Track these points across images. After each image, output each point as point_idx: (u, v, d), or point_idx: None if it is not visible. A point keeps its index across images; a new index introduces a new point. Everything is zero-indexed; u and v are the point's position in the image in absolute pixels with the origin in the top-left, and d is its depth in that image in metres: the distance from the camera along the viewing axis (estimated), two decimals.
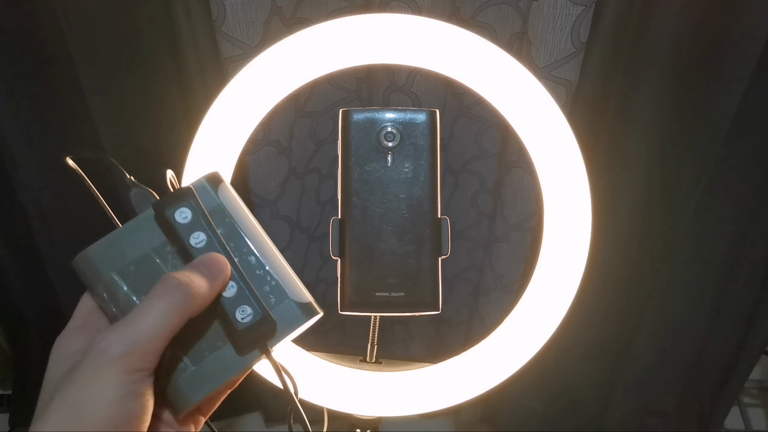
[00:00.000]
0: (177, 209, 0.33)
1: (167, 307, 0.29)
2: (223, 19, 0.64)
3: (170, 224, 0.32)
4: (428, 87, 0.74)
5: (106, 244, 0.33)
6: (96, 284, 0.32)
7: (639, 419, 1.04)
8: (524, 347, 0.50)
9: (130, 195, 0.35)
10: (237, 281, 0.33)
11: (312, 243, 0.91)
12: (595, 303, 0.90)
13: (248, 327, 0.32)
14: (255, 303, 0.33)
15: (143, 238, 0.33)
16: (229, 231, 0.34)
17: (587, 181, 0.49)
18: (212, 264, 0.32)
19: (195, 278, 0.31)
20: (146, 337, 0.28)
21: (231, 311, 0.32)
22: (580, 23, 0.63)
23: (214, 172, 0.36)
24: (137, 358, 0.28)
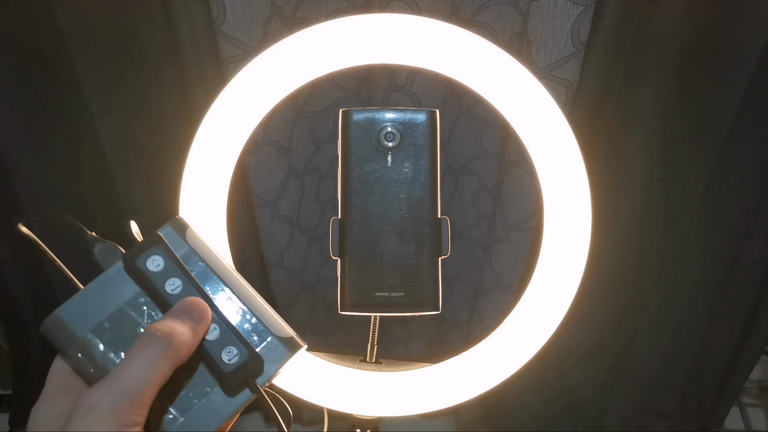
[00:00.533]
0: (148, 258, 0.32)
1: (152, 356, 0.28)
2: (223, 19, 0.64)
3: (143, 274, 0.32)
4: (428, 87, 0.74)
5: (76, 303, 0.32)
6: (69, 347, 0.31)
7: (639, 419, 1.04)
8: (524, 347, 0.50)
9: (95, 251, 0.34)
10: (218, 323, 0.32)
11: (312, 243, 0.91)
12: (595, 303, 0.90)
13: (236, 368, 0.32)
14: (239, 343, 0.32)
15: (114, 292, 0.32)
16: (203, 274, 0.34)
17: (587, 181, 0.49)
18: (192, 309, 0.32)
19: (177, 326, 0.30)
20: (134, 389, 0.28)
21: (216, 354, 0.32)
22: (580, 23, 0.63)
23: (177, 218, 0.36)
24: (128, 412, 0.27)
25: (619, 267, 0.87)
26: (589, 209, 0.49)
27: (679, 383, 1.00)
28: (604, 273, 0.87)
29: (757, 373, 1.14)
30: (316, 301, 0.96)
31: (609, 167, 0.78)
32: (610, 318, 0.93)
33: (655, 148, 0.77)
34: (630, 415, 1.04)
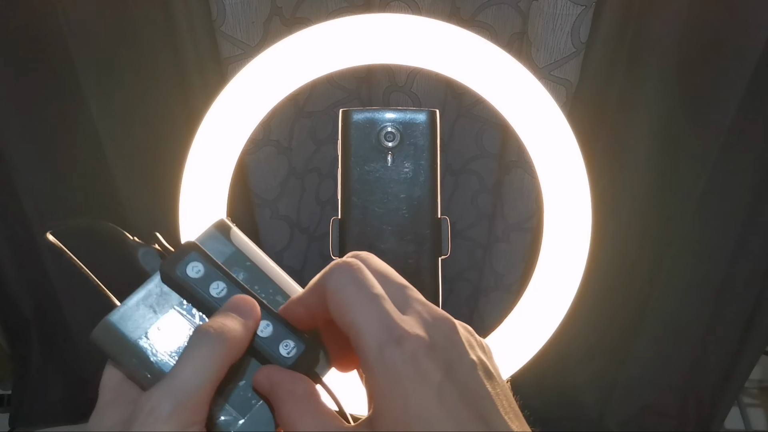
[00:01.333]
0: (187, 265, 0.32)
1: (207, 354, 0.28)
2: (223, 19, 0.64)
3: (184, 282, 0.32)
4: (428, 87, 0.74)
5: (125, 310, 0.32)
6: (122, 353, 0.31)
7: (639, 419, 1.04)
8: (524, 347, 0.50)
9: (138, 257, 0.33)
10: (270, 319, 0.32)
11: (312, 243, 0.91)
12: (595, 303, 0.90)
13: (297, 360, 0.32)
14: (294, 335, 0.32)
15: (163, 297, 0.32)
16: (252, 274, 0.34)
17: (587, 181, 0.49)
18: (240, 305, 0.31)
19: (228, 322, 0.30)
20: (193, 388, 0.27)
21: (274, 350, 0.31)
22: (580, 23, 0.63)
23: (220, 220, 0.35)
24: (189, 411, 0.27)
25: (619, 267, 0.87)
26: (589, 209, 0.49)
27: (679, 383, 1.00)
28: (604, 273, 0.87)
29: (757, 373, 1.14)
30: None
31: (609, 167, 0.78)
32: (610, 318, 0.93)
33: (655, 148, 0.77)
34: (630, 415, 1.04)
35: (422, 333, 0.26)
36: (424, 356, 0.25)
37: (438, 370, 0.25)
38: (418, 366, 0.25)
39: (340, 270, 0.28)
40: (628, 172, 0.79)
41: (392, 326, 0.26)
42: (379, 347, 0.25)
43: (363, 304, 0.26)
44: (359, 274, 0.28)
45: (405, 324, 0.26)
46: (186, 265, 0.32)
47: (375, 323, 0.26)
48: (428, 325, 0.27)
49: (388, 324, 0.26)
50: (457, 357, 0.26)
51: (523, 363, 0.51)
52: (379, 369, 0.25)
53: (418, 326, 0.26)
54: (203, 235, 0.34)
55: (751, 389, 1.14)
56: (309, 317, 0.30)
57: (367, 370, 0.25)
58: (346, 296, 0.27)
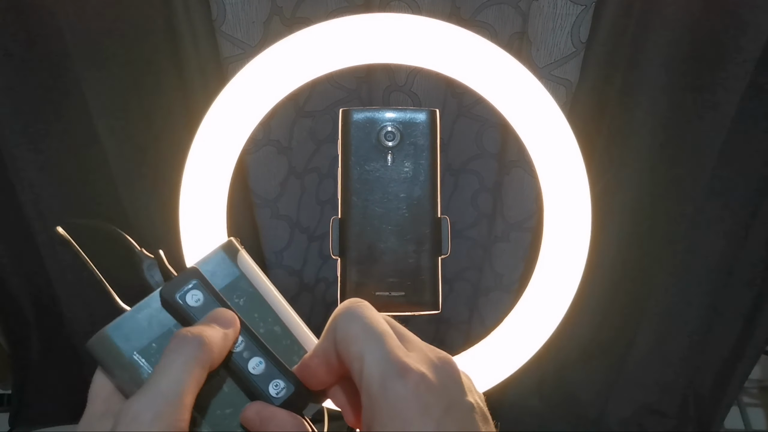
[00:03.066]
0: (188, 293, 0.32)
1: (185, 359, 0.28)
2: (223, 19, 0.64)
3: (182, 309, 0.32)
4: (428, 87, 0.74)
5: (123, 323, 0.32)
6: (115, 367, 0.31)
7: (639, 419, 1.04)
8: (524, 347, 0.50)
9: (143, 268, 0.34)
10: (263, 357, 0.32)
11: (312, 243, 0.91)
12: (595, 303, 0.90)
13: (286, 400, 0.32)
14: (286, 376, 0.32)
15: (163, 314, 0.32)
16: (253, 301, 0.34)
17: (587, 181, 0.49)
18: (220, 317, 0.31)
19: (205, 330, 0.30)
20: (173, 395, 0.27)
21: (264, 388, 0.32)
22: (580, 23, 0.63)
23: (229, 241, 0.35)
24: (170, 419, 0.27)
25: (619, 267, 0.87)
26: (589, 209, 0.49)
27: (679, 383, 1.00)
28: (604, 273, 0.87)
29: (757, 373, 1.14)
30: (316, 301, 0.96)
31: (609, 167, 0.78)
32: (610, 318, 0.93)
33: (654, 148, 0.77)
34: (630, 415, 1.04)
35: (426, 370, 0.26)
36: (426, 391, 0.25)
37: (438, 406, 0.25)
38: (419, 400, 0.25)
39: (348, 307, 0.29)
40: (628, 172, 0.79)
41: (397, 360, 0.26)
42: (382, 378, 0.25)
43: (370, 337, 0.27)
44: (368, 311, 0.28)
45: (409, 359, 0.26)
46: (186, 293, 0.32)
47: (380, 355, 0.26)
48: (432, 363, 0.27)
49: (392, 357, 0.26)
50: (458, 397, 0.27)
51: (523, 363, 0.51)
52: (381, 400, 0.25)
53: (422, 363, 0.27)
54: (210, 256, 0.34)
55: (751, 389, 1.14)
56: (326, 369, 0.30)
57: (368, 400, 0.26)
58: (353, 329, 0.27)
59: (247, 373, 0.32)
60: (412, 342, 0.29)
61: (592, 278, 0.52)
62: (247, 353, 0.32)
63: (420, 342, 0.29)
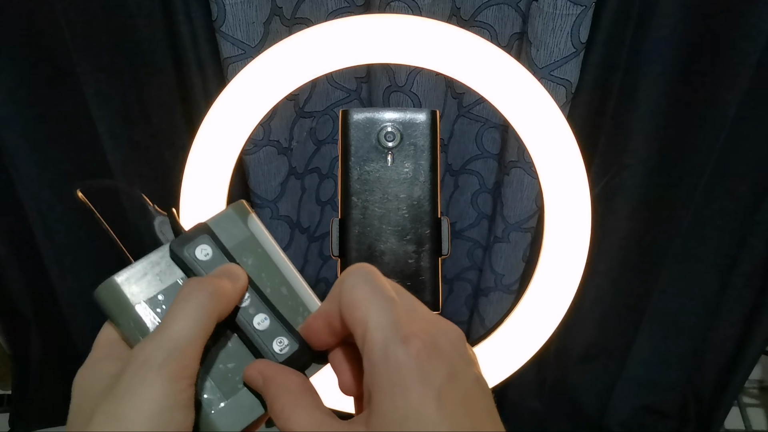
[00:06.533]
0: (197, 247, 0.32)
1: (196, 307, 0.28)
2: (223, 19, 0.64)
3: (191, 262, 0.32)
4: (428, 87, 0.74)
5: (132, 273, 0.32)
6: (122, 315, 0.31)
7: (639, 419, 1.04)
8: (524, 347, 0.50)
9: (155, 224, 0.34)
10: (269, 314, 0.32)
11: (312, 243, 0.91)
12: (595, 303, 0.90)
13: (288, 358, 0.32)
14: (290, 333, 0.32)
15: (170, 268, 0.32)
16: (262, 261, 0.34)
17: (587, 181, 0.49)
18: (229, 271, 0.32)
19: (215, 279, 0.30)
20: (183, 340, 0.27)
21: (268, 344, 0.32)
22: (580, 23, 0.63)
23: (240, 202, 0.35)
24: (179, 364, 0.27)
25: (619, 267, 0.87)
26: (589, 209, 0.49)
27: (679, 383, 1.00)
28: (604, 273, 0.87)
29: (757, 373, 1.14)
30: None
31: (609, 167, 0.78)
32: (610, 318, 0.93)
33: (654, 148, 0.77)
34: (630, 415, 1.04)
35: (429, 337, 0.26)
36: (428, 358, 0.25)
37: (440, 374, 0.25)
38: (421, 366, 0.25)
39: (355, 271, 0.28)
40: (627, 173, 0.79)
41: (400, 325, 0.26)
42: (384, 343, 0.25)
43: (375, 302, 0.26)
44: (374, 276, 0.28)
45: (413, 326, 0.26)
46: (195, 247, 0.32)
47: (384, 320, 0.26)
48: (437, 329, 0.27)
49: (396, 323, 0.26)
50: (462, 367, 0.26)
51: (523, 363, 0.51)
52: (382, 365, 0.25)
53: (426, 331, 0.26)
54: (220, 215, 0.34)
55: (751, 389, 1.14)
56: (328, 331, 0.30)
57: (369, 365, 0.25)
58: (359, 293, 0.27)
59: (252, 328, 0.32)
60: (418, 310, 0.28)
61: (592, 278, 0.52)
62: (253, 309, 0.32)
63: (427, 311, 0.28)
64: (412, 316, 0.27)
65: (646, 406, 1.03)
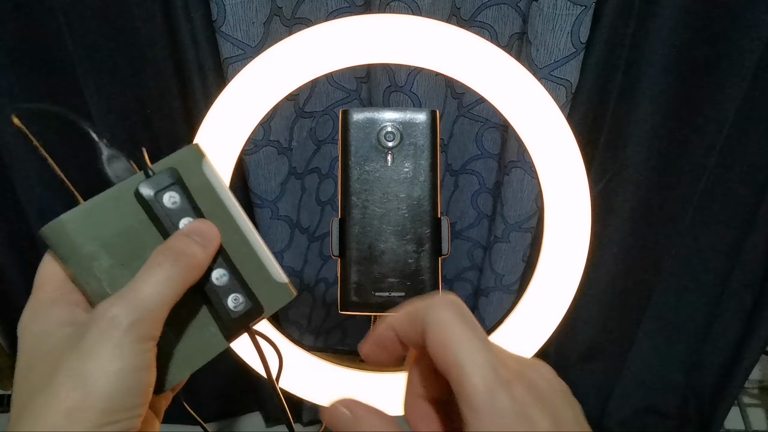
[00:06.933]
0: (165, 193, 0.31)
1: (169, 274, 0.29)
2: (223, 20, 0.64)
3: (157, 208, 0.31)
4: (428, 87, 0.74)
5: (84, 213, 0.30)
6: (72, 257, 0.29)
7: (639, 419, 1.04)
8: (524, 347, 0.50)
9: (104, 159, 0.33)
10: (227, 269, 0.32)
11: (312, 243, 0.91)
12: (595, 303, 0.90)
13: (240, 315, 0.32)
14: (245, 291, 0.32)
15: (127, 209, 0.31)
16: (216, 208, 0.33)
17: (587, 181, 0.49)
18: (203, 232, 0.31)
19: (189, 245, 0.30)
20: (153, 304, 0.28)
21: (224, 300, 0.32)
22: (580, 23, 0.63)
23: (195, 144, 0.34)
24: (147, 326, 0.27)
25: (619, 267, 0.87)
26: (589, 209, 0.49)
27: (679, 383, 1.00)
28: (604, 273, 0.87)
29: (757, 373, 1.14)
30: (316, 301, 0.96)
31: (609, 167, 0.78)
32: (610, 318, 0.93)
33: (654, 148, 0.77)
34: (630, 415, 1.04)
35: (528, 379, 0.26)
36: (533, 403, 0.25)
37: (546, 418, 0.25)
38: (527, 413, 0.24)
39: (444, 305, 0.27)
40: (628, 172, 0.79)
41: (499, 368, 0.25)
42: (487, 389, 0.24)
43: (470, 345, 0.25)
44: (464, 311, 0.27)
45: (509, 367, 0.26)
46: (164, 193, 0.31)
47: (482, 363, 0.25)
48: (531, 369, 0.27)
49: (495, 365, 0.25)
50: (561, 405, 0.27)
51: None
52: (487, 412, 0.24)
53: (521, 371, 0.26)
54: (179, 156, 0.33)
55: (751, 389, 1.14)
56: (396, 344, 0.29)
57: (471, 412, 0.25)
58: (451, 334, 0.26)
59: (210, 283, 0.31)
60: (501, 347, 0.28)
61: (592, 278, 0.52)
62: (213, 263, 0.32)
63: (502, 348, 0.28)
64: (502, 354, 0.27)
65: (646, 406, 1.03)
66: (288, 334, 0.52)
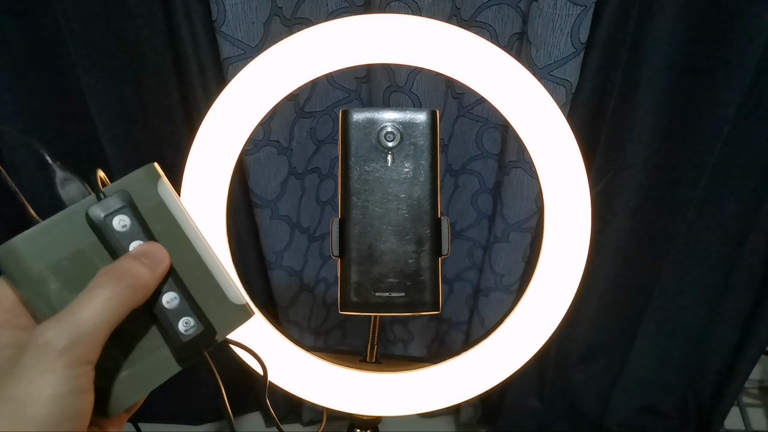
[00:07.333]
0: (115, 216, 0.31)
1: (110, 296, 0.28)
2: (223, 19, 0.64)
3: (107, 231, 0.31)
4: (428, 87, 0.74)
5: (35, 236, 0.30)
6: (22, 280, 0.29)
7: (639, 419, 1.04)
8: (524, 347, 0.50)
9: (56, 182, 0.32)
10: (179, 291, 0.32)
11: (312, 243, 0.91)
12: (595, 303, 0.90)
13: (191, 339, 0.32)
14: (197, 314, 0.32)
15: (77, 232, 0.31)
16: (171, 229, 0.33)
17: (587, 181, 0.49)
18: (152, 254, 0.31)
19: (135, 267, 0.30)
20: (90, 328, 0.27)
21: (174, 323, 0.31)
22: (580, 23, 0.63)
23: (150, 165, 0.34)
24: (82, 350, 0.27)
25: (619, 267, 0.87)
26: (589, 209, 0.49)
27: (679, 383, 1.00)
28: (604, 273, 0.87)
29: (757, 373, 1.14)
30: (316, 301, 0.96)
31: (609, 167, 0.78)
32: (610, 318, 0.93)
33: (654, 148, 0.77)
34: (630, 415, 1.04)
35: None
36: None
37: None
38: None
39: None
40: (627, 173, 0.79)
41: None
42: None
43: None
44: None
45: None
46: (114, 216, 0.31)
47: None
48: None
49: None
50: None
51: (523, 363, 0.51)
52: None
53: None
54: (132, 178, 0.33)
55: (751, 389, 1.14)
56: None
57: None
58: None
59: (160, 306, 0.31)
60: None
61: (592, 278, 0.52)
62: (164, 286, 0.31)
63: None
64: None
65: (646, 406, 1.03)
66: (288, 334, 0.52)
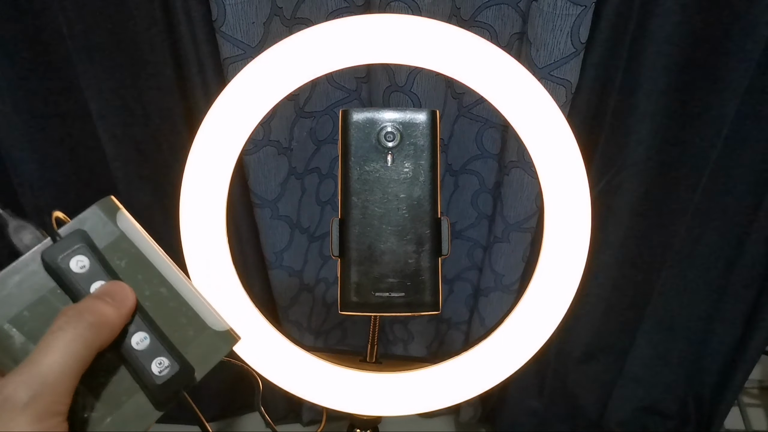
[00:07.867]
0: (72, 258, 0.29)
1: (72, 338, 0.26)
2: (223, 19, 0.64)
3: (65, 275, 0.29)
4: (428, 87, 0.74)
5: None
6: None
7: (639, 419, 1.04)
8: (524, 347, 0.50)
9: (9, 231, 0.30)
10: (149, 330, 0.30)
11: (312, 243, 0.91)
12: (595, 303, 0.90)
13: (167, 381, 0.30)
14: (171, 353, 0.30)
15: (36, 279, 0.29)
16: (136, 262, 0.31)
17: (587, 182, 0.49)
18: (114, 293, 0.29)
19: (98, 306, 0.28)
20: (54, 376, 0.25)
21: (146, 365, 0.29)
22: (580, 23, 0.63)
23: (107, 198, 0.32)
24: (48, 401, 0.25)
25: (618, 267, 0.87)
26: (589, 209, 0.49)
27: (679, 383, 1.00)
28: (604, 273, 0.87)
29: (757, 373, 1.14)
30: (316, 301, 0.96)
31: (609, 167, 0.78)
32: (609, 318, 0.93)
33: (654, 149, 0.77)
34: (630, 415, 1.04)
35: None
36: None
37: None
38: None
39: None
40: (627, 173, 0.79)
41: None
42: None
43: None
44: None
45: None
46: (70, 258, 0.29)
47: None
48: None
49: None
50: None
51: (523, 363, 0.51)
52: None
53: None
54: (87, 215, 0.32)
55: (751, 389, 1.14)
56: None
57: None
58: None
59: (129, 348, 0.29)
60: None
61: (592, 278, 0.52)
62: (132, 327, 0.29)
63: None
64: None
65: (645, 406, 1.03)
66: (288, 334, 0.52)
